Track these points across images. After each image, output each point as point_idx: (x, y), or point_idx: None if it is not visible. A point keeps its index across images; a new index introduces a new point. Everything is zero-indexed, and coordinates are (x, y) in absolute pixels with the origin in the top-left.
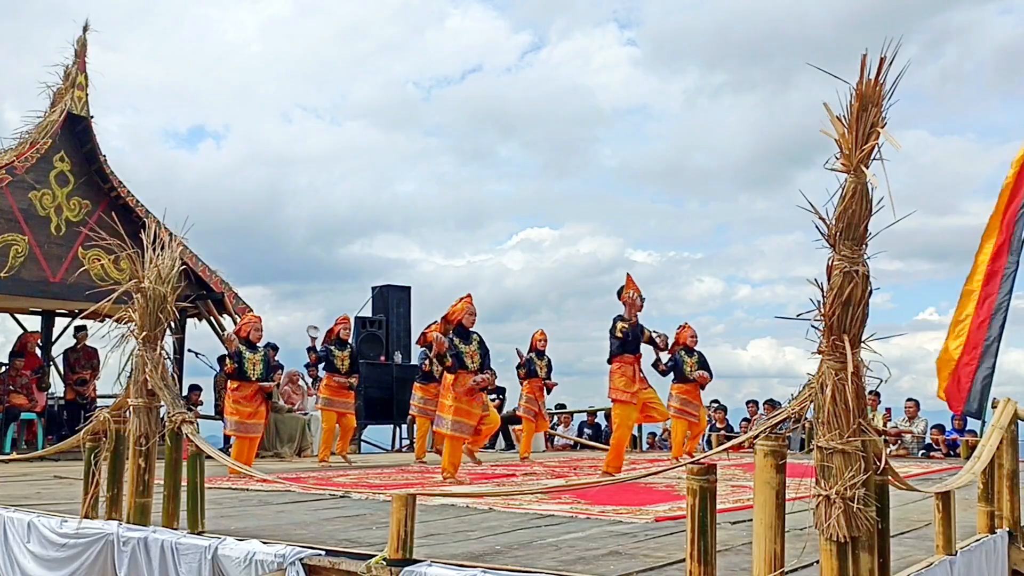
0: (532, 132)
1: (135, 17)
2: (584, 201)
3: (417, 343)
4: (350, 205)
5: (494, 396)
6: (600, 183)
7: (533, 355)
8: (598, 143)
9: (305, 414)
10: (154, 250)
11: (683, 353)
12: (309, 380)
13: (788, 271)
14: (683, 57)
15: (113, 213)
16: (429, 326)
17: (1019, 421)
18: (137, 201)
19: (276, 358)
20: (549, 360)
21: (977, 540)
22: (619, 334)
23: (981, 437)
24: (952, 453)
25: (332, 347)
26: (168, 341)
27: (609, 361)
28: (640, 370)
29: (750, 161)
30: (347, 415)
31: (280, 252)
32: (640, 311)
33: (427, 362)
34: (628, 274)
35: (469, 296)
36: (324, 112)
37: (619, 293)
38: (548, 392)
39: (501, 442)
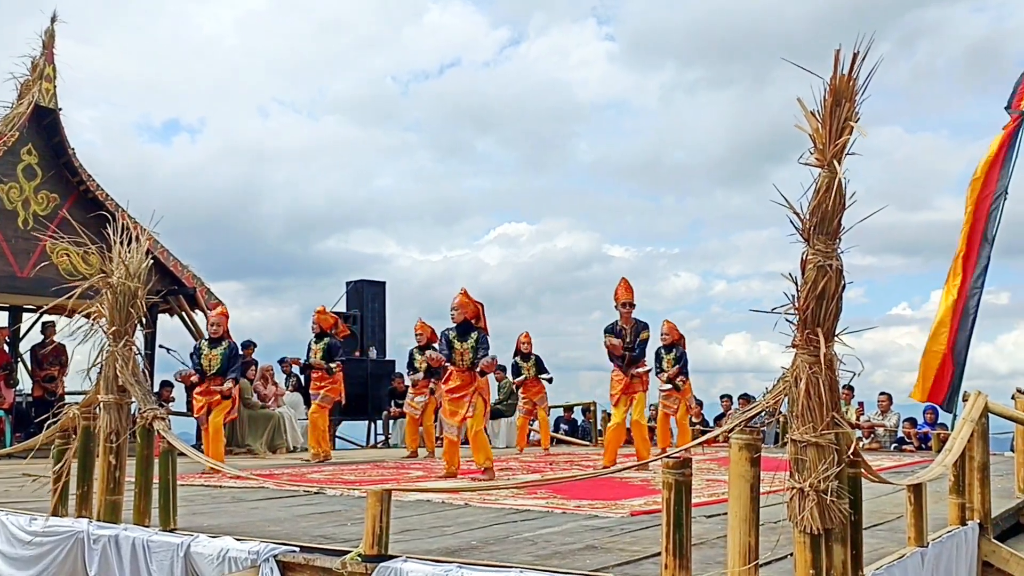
0: (510, 127)
1: (110, 10)
2: (561, 196)
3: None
4: (327, 200)
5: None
6: (577, 178)
7: (518, 358)
8: (575, 138)
9: (266, 407)
10: (122, 244)
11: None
12: (284, 376)
13: (763, 266)
14: (660, 53)
15: (82, 207)
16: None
17: (989, 414)
18: (107, 195)
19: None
20: (537, 358)
21: (948, 532)
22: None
23: (952, 430)
24: (924, 446)
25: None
26: (139, 336)
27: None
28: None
29: (726, 157)
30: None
31: (255, 247)
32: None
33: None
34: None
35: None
36: (301, 107)
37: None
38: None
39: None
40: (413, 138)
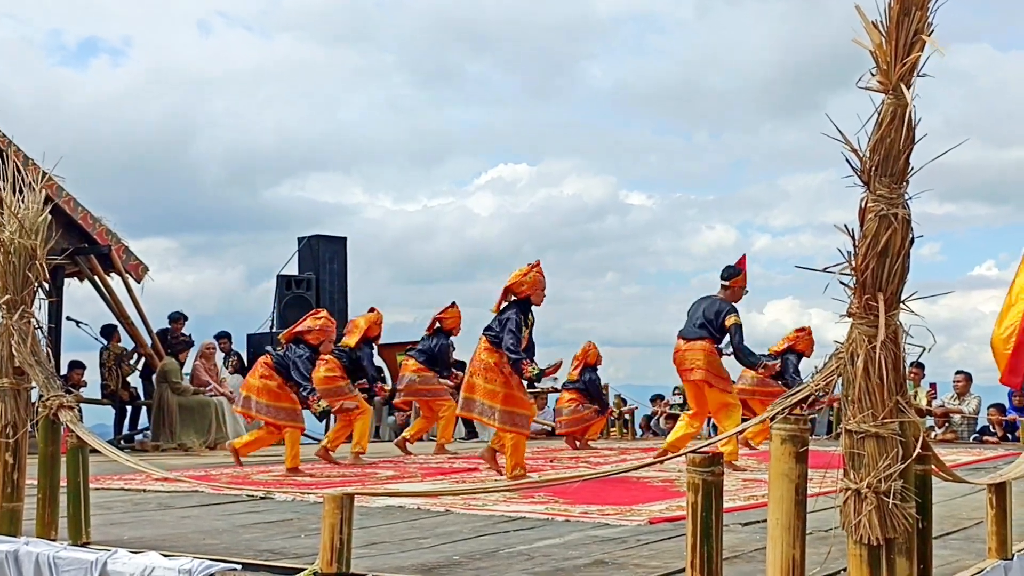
0: (508, 46)
1: None
2: (569, 131)
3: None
4: (278, 137)
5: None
6: (589, 109)
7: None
8: (589, 59)
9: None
10: (15, 192)
11: None
12: (222, 356)
13: (817, 216)
14: None
15: None
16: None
17: None
18: None
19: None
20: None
21: None
22: None
23: None
24: (1010, 437)
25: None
26: (40, 307)
27: None
28: None
29: (775, 82)
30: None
31: (190, 195)
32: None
33: None
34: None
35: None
36: (251, 21)
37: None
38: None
39: (461, 429)
40: (388, 59)
